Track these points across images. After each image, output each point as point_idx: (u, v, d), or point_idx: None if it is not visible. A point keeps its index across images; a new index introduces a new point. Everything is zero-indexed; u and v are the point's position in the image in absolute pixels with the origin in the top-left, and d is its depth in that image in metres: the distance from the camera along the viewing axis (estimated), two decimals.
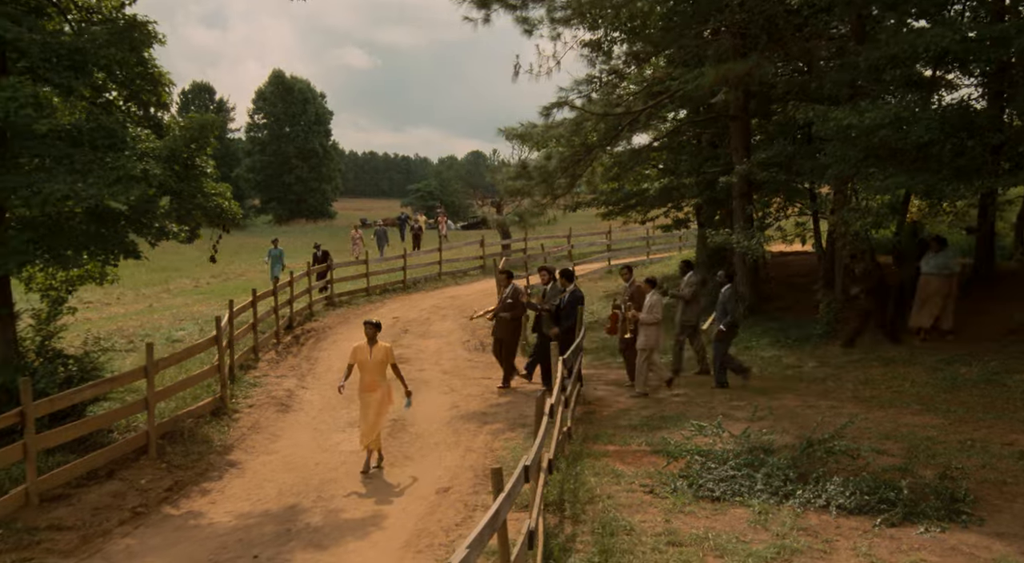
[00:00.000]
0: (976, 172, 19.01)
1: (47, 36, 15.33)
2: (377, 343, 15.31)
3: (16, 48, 15.15)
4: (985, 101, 21.30)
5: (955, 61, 21.25)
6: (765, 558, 10.69)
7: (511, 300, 20.69)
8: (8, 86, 14.18)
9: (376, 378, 15.20)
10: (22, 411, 12.78)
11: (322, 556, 11.96)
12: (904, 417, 16.27)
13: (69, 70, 15.27)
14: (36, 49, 14.87)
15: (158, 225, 16.51)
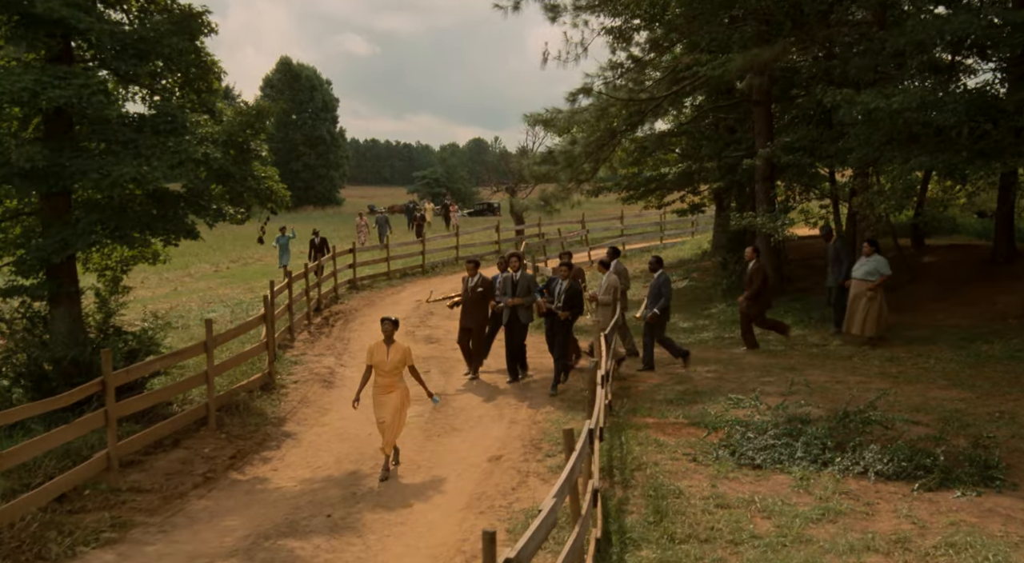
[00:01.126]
0: (999, 154, 19.57)
1: (112, 26, 15.94)
2: (395, 342, 14.42)
3: (85, 38, 15.77)
4: (1005, 86, 21.80)
5: (974, 47, 21.82)
6: (811, 519, 11.32)
7: (481, 289, 20.21)
8: (81, 73, 14.80)
9: (393, 379, 14.33)
10: (103, 380, 13.45)
11: (390, 516, 12.63)
12: (932, 391, 16.83)
13: (134, 58, 15.93)
14: (106, 39, 15.52)
15: (215, 206, 17.16)
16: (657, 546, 10.75)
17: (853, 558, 10.18)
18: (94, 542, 11.66)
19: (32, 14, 15.04)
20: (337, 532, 12.12)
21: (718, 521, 11.41)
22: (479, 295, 20.19)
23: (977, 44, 21.55)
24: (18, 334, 16.48)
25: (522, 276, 19.82)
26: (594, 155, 28.26)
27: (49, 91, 14.55)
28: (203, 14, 17.01)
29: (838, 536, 10.83)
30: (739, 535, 10.95)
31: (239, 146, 16.95)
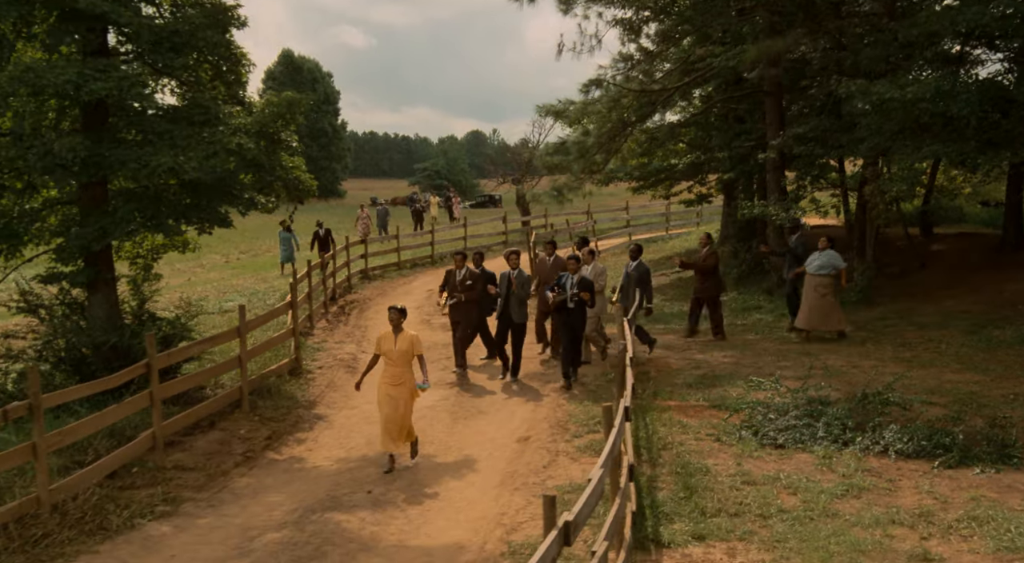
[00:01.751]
0: (1009, 144, 19.98)
1: (148, 20, 16.36)
2: (403, 331, 14.07)
3: (123, 31, 16.21)
4: (1013, 75, 22.18)
5: (983, 37, 22.20)
6: (835, 494, 11.79)
7: (470, 282, 19.64)
8: (120, 66, 15.25)
9: (401, 370, 13.98)
10: (148, 363, 13.92)
11: (429, 492, 13.12)
12: (946, 375, 17.26)
13: (170, 51, 16.33)
14: (144, 32, 15.92)
15: (247, 196, 17.58)
16: (689, 519, 11.20)
17: (879, 531, 10.61)
18: (149, 515, 12.22)
19: (75, 9, 15.43)
20: (379, 507, 12.59)
21: (746, 497, 11.86)
22: (468, 288, 19.65)
23: (986, 34, 21.90)
24: (56, 320, 16.87)
25: (519, 274, 19.46)
26: (606, 145, 28.68)
27: (91, 84, 14.96)
28: (234, 7, 17.39)
29: (863, 510, 11.27)
30: (767, 509, 11.40)
31: (270, 137, 17.33)
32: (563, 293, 18.31)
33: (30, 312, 17.03)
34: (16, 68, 14.91)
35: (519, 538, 11.19)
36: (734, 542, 10.55)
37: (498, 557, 10.76)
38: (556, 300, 18.40)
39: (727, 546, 10.46)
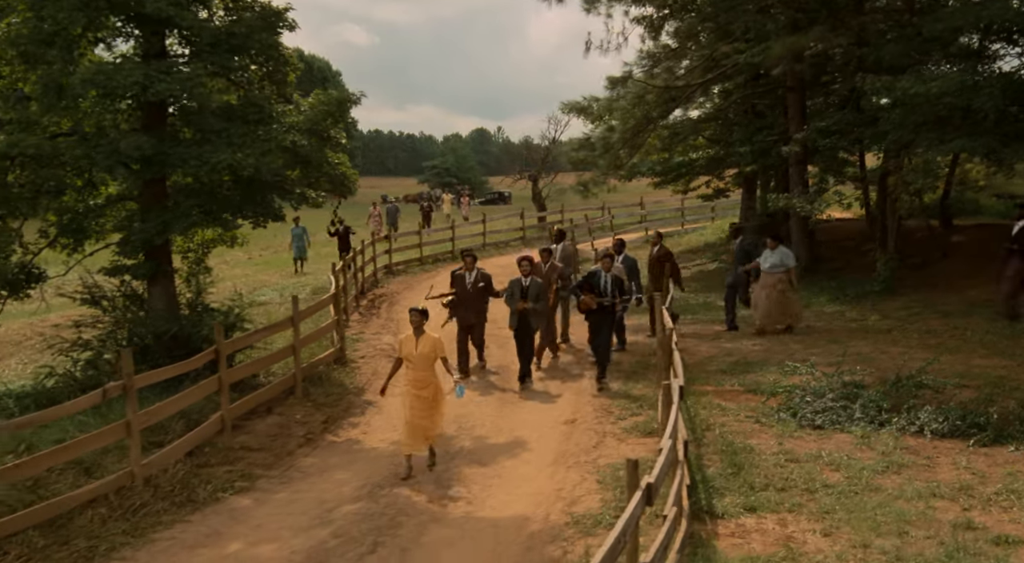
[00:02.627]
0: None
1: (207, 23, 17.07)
2: (424, 333, 13.69)
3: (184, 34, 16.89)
4: None
5: (1002, 32, 22.74)
6: (877, 470, 12.41)
7: (482, 284, 19.10)
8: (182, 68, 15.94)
9: (425, 374, 13.62)
10: (217, 349, 14.65)
11: (486, 470, 13.81)
12: (973, 360, 17.82)
13: (227, 53, 17.04)
14: (206, 35, 16.61)
15: (299, 191, 18.27)
16: (739, 493, 11.84)
17: (922, 503, 11.23)
18: (230, 489, 13.08)
19: (142, 13, 16.12)
20: (442, 483, 13.31)
21: (791, 473, 12.49)
22: (480, 290, 19.12)
23: (1005, 29, 22.43)
24: (118, 311, 17.56)
25: (532, 282, 18.61)
26: (631, 141, 29.35)
27: (157, 85, 15.69)
28: (286, 11, 18.03)
29: (905, 485, 11.90)
30: (812, 484, 12.04)
31: (320, 134, 18.00)
32: (600, 296, 17.89)
33: (93, 304, 17.73)
34: (88, 70, 15.62)
35: (580, 510, 11.86)
36: (784, 514, 11.17)
37: (562, 527, 11.41)
38: (592, 303, 17.89)
39: (778, 517, 11.08)
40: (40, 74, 16.03)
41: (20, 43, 15.96)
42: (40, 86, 15.97)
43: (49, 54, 15.98)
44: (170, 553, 11.09)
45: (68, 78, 15.82)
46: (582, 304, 18.04)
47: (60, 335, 18.03)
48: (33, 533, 10.80)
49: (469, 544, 11.16)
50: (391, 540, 11.25)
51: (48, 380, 16.77)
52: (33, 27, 15.76)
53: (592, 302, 17.83)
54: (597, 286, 17.96)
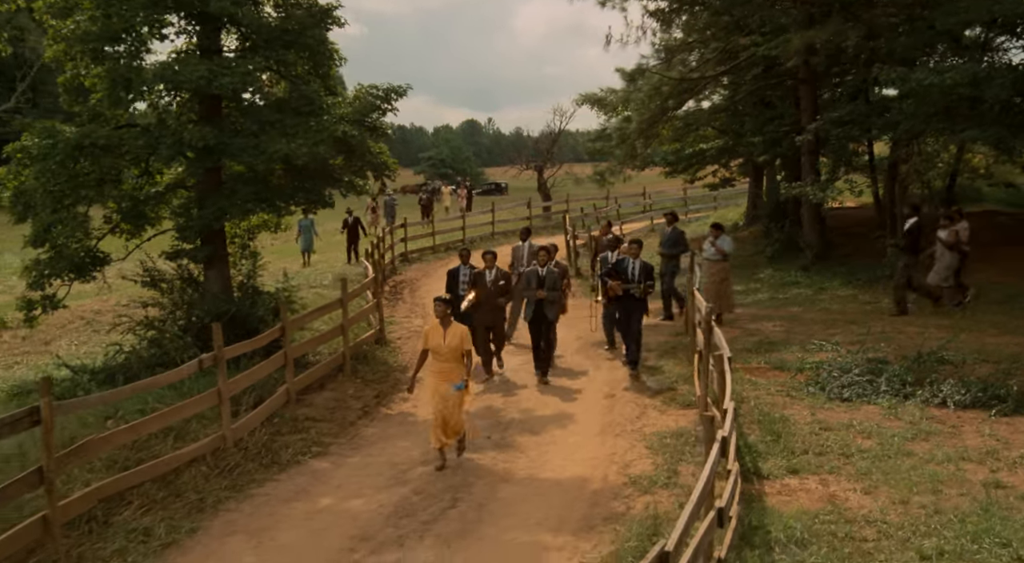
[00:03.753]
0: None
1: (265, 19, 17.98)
2: (451, 324, 13.43)
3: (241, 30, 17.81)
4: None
5: (1007, 25, 23.65)
6: (906, 437, 13.35)
7: (503, 282, 18.63)
8: (242, 62, 16.85)
9: (452, 365, 13.36)
10: (283, 327, 15.62)
11: (539, 438, 14.79)
12: (987, 339, 18.72)
13: (282, 48, 17.93)
14: (263, 31, 17.51)
15: (347, 179, 19.20)
16: (781, 457, 12.79)
17: (952, 466, 12.17)
18: (308, 453, 14.17)
19: (205, 11, 17.02)
20: (502, 449, 14.32)
21: (826, 440, 13.43)
22: (501, 289, 18.62)
23: (1010, 23, 23.32)
24: (176, 293, 18.46)
25: (548, 272, 18.18)
26: (646, 132, 30.28)
27: (220, 78, 16.62)
28: (334, 8, 18.91)
29: (934, 450, 12.84)
30: (847, 449, 12.99)
31: (367, 124, 18.91)
32: (628, 283, 17.61)
33: (152, 286, 18.61)
34: (158, 66, 16.59)
35: (635, 472, 12.83)
36: (824, 475, 12.11)
37: (620, 486, 12.37)
38: (619, 289, 17.62)
39: (819, 478, 12.02)
40: (107, 69, 16.91)
41: (89, 40, 16.83)
42: (108, 81, 16.85)
43: (117, 50, 16.87)
44: (269, 507, 12.15)
45: (137, 73, 16.71)
46: (609, 290, 17.86)
47: (128, 315, 18.91)
48: (150, 486, 11.92)
49: (539, 500, 12.13)
50: (468, 496, 12.24)
51: (119, 356, 17.68)
52: (102, 25, 16.62)
53: (619, 288, 17.56)
54: (625, 273, 17.64)
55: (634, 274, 17.64)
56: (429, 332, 13.52)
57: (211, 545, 10.93)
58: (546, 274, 18.17)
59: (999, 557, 9.41)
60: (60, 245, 17.13)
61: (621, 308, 18.08)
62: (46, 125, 17.12)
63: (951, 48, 24.55)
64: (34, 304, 17.74)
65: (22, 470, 10.16)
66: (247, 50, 18.19)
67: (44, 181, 16.72)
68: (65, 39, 17.46)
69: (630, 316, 17.87)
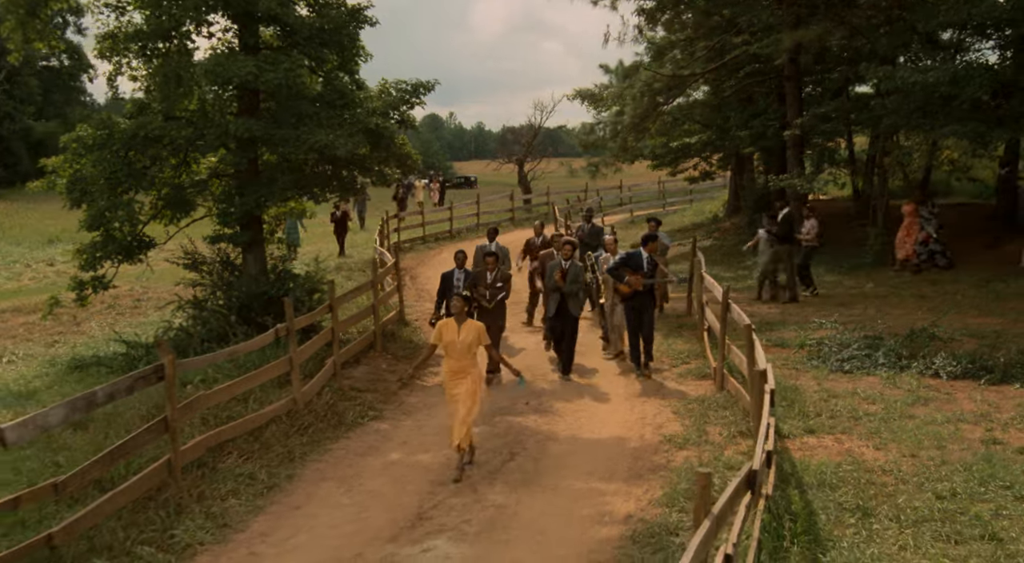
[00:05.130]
0: (1014, 122, 22.96)
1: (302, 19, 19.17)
2: (467, 320, 12.96)
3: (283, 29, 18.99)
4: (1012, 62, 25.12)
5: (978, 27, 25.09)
6: (907, 403, 14.77)
7: (500, 284, 18.21)
8: (285, 59, 18.05)
9: (465, 363, 12.86)
10: (330, 305, 16.85)
11: (573, 405, 16.16)
12: (968, 319, 20.19)
13: (319, 45, 19.12)
14: (304, 30, 18.69)
15: (377, 168, 20.43)
16: (797, 419, 14.17)
17: (951, 426, 13.57)
18: (366, 416, 15.51)
19: (252, 11, 18.21)
20: (542, 413, 15.66)
21: (835, 406, 14.83)
22: (498, 291, 18.22)
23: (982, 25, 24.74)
24: (216, 275, 19.62)
25: (571, 265, 17.86)
26: (638, 126, 31.67)
27: (266, 74, 17.79)
28: (365, 8, 20.13)
29: (933, 413, 14.27)
30: (856, 413, 14.39)
31: (395, 117, 20.14)
32: (647, 275, 17.45)
33: (193, 269, 19.76)
34: (209, 62, 17.76)
35: (668, 432, 14.21)
36: (838, 434, 13.50)
37: (657, 444, 13.75)
38: (639, 283, 17.34)
39: (834, 437, 13.41)
40: (158, 65, 18.09)
41: (140, 38, 18.00)
42: (160, 76, 18.02)
43: (167, 47, 18.06)
44: (348, 459, 13.53)
45: (187, 69, 17.90)
46: (628, 284, 17.35)
47: (178, 294, 20.07)
48: (242, 440, 13.32)
49: (586, 455, 13.49)
50: (522, 452, 13.59)
51: (169, 333, 18.87)
52: (154, 24, 17.79)
53: (638, 283, 17.25)
54: (640, 267, 17.39)
55: (649, 268, 17.46)
56: (443, 327, 12.95)
57: (308, 489, 12.30)
58: (569, 267, 17.75)
59: (1004, 496, 10.84)
60: (114, 229, 18.29)
61: (633, 304, 17.59)
62: (102, 117, 18.32)
63: (924, 49, 25.94)
64: (85, 284, 18.84)
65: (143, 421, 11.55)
66: (286, 47, 19.31)
67: (101, 169, 17.85)
68: (112, 36, 18.59)
69: (641, 312, 17.57)
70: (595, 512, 11.32)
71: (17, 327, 24.20)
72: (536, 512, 11.38)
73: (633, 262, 17.44)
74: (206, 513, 11.07)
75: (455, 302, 13.01)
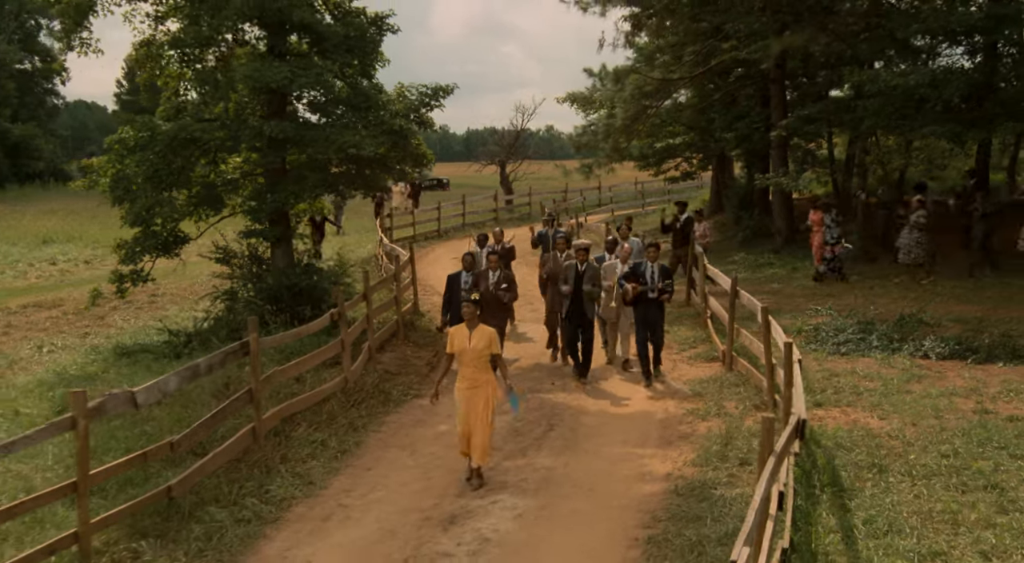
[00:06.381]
0: (987, 123, 24.37)
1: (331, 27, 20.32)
2: (479, 326, 12.44)
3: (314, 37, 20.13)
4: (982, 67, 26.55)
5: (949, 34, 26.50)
6: (902, 380, 16.14)
7: (505, 285, 18.22)
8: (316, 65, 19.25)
9: (477, 372, 12.45)
10: (365, 293, 18.09)
11: (595, 386, 17.44)
12: (950, 306, 21.49)
13: (346, 52, 20.28)
14: (334, 37, 19.87)
15: (399, 167, 21.61)
16: (805, 395, 15.27)
17: (945, 399, 14.91)
18: (409, 394, 16.78)
19: (284, 21, 19.36)
20: (568, 392, 16.98)
21: (837, 383, 16.18)
22: (504, 291, 18.20)
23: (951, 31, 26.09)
24: (245, 269, 20.73)
25: (588, 267, 17.64)
26: (629, 128, 33.02)
27: (300, 79, 18.95)
28: (387, 17, 21.30)
29: (927, 388, 15.63)
30: (856, 389, 15.74)
31: (418, 119, 21.32)
32: (644, 284, 17.29)
33: (224, 262, 20.87)
34: (246, 68, 18.89)
35: (689, 406, 15.58)
36: (844, 407, 14.84)
37: (681, 415, 15.12)
38: (636, 292, 17.25)
39: (840, 410, 14.74)
40: (197, 71, 19.25)
41: (179, 45, 19.16)
42: (198, 81, 19.17)
43: (205, 54, 19.23)
44: (403, 430, 14.88)
45: (225, 74, 19.07)
46: (626, 295, 17.41)
47: (215, 285, 21.19)
48: (307, 413, 14.68)
49: (618, 426, 14.82)
50: (560, 423, 14.90)
51: (205, 323, 20.01)
52: (194, 33, 18.94)
53: (634, 291, 17.19)
54: (643, 277, 17.32)
55: (653, 278, 17.28)
56: (454, 334, 12.59)
57: (375, 453, 13.68)
58: (586, 269, 17.57)
59: (1000, 455, 12.24)
60: (156, 225, 19.43)
61: (639, 314, 17.55)
62: (145, 120, 19.40)
63: (899, 54, 27.33)
64: (125, 277, 19.93)
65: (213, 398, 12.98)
66: (312, 53, 20.46)
67: (144, 168, 18.96)
68: (148, 44, 19.75)
69: (651, 321, 17.50)
70: (636, 472, 12.65)
71: (44, 321, 25.19)
72: (583, 472, 12.69)
73: (637, 272, 17.34)
74: (292, 473, 12.45)
75: (466, 308, 12.43)
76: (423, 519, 11.21)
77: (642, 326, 17.50)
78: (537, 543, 10.59)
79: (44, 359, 20.55)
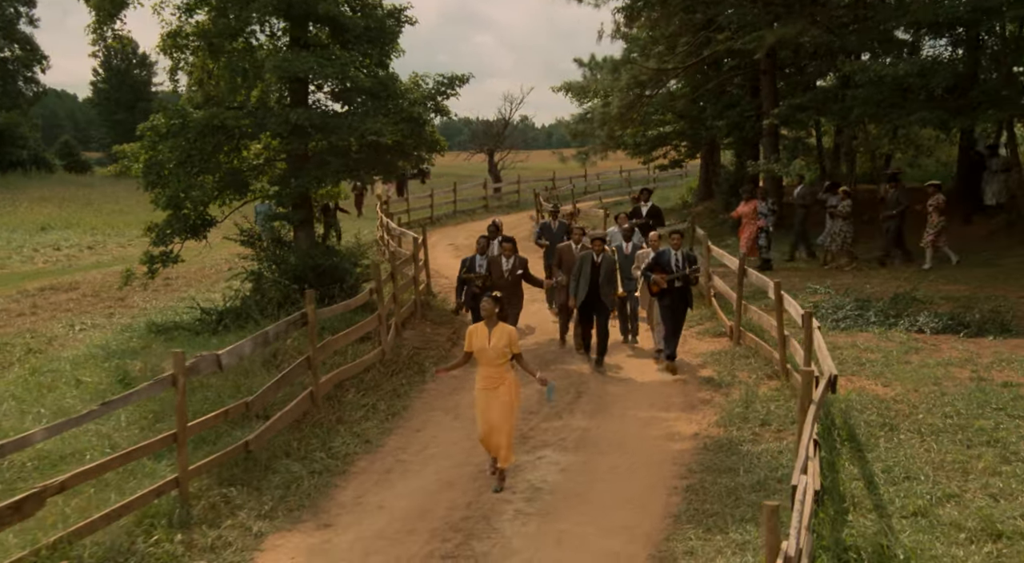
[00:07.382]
0: (971, 112, 25.46)
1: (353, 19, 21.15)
2: (498, 324, 11.98)
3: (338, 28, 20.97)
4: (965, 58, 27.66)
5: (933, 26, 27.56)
6: (901, 352, 17.18)
7: (521, 271, 18.55)
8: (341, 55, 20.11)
9: (497, 371, 11.97)
10: (392, 273, 19.05)
11: (612, 359, 18.29)
12: (939, 286, 22.47)
13: (367, 43, 21.13)
14: (356, 29, 20.73)
15: (416, 154, 22.49)
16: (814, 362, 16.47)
17: (941, 369, 15.96)
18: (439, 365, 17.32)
19: (309, 13, 20.21)
20: (587, 364, 17.90)
21: (841, 354, 17.14)
22: (518, 278, 18.44)
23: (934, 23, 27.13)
24: (267, 251, 21.53)
25: (604, 257, 17.66)
26: (624, 116, 34.01)
27: (325, 69, 19.81)
28: (405, 9, 22.20)
29: (925, 359, 16.69)
30: (859, 360, 16.78)
31: (435, 107, 22.19)
32: (672, 273, 17.19)
33: (248, 244, 21.70)
34: (274, 58, 19.73)
35: (705, 375, 16.68)
36: (849, 376, 15.84)
37: (699, 383, 16.27)
38: (664, 281, 17.17)
39: (845, 378, 15.69)
40: (224, 61, 20.09)
41: (208, 36, 20.01)
42: (227, 70, 20.01)
43: (232, 45, 20.08)
44: (441, 396, 16.02)
45: (253, 63, 19.93)
46: (653, 284, 17.33)
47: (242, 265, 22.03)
48: (355, 381, 15.82)
49: (641, 393, 15.90)
50: (588, 390, 16.00)
51: (235, 301, 20.88)
52: (222, 24, 19.80)
53: (663, 281, 17.10)
54: (668, 265, 17.25)
55: (678, 266, 17.24)
56: (473, 332, 12.19)
57: (422, 415, 14.82)
58: (602, 260, 17.61)
59: (999, 415, 13.37)
60: (187, 208, 20.31)
61: (666, 302, 17.48)
62: (177, 108, 20.23)
63: (885, 46, 28.38)
64: (155, 258, 20.75)
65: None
66: (333, 44, 21.29)
67: (177, 154, 19.80)
68: (175, 35, 20.58)
69: (674, 309, 17.49)
70: (665, 432, 13.73)
71: (66, 302, 25.95)
72: (615, 433, 13.80)
73: (662, 261, 17.32)
74: (350, 432, 13.64)
75: (485, 305, 12.01)
76: (477, 472, 12.32)
77: (666, 317, 17.43)
78: (584, 492, 11.68)
79: (78, 336, 21.35)
